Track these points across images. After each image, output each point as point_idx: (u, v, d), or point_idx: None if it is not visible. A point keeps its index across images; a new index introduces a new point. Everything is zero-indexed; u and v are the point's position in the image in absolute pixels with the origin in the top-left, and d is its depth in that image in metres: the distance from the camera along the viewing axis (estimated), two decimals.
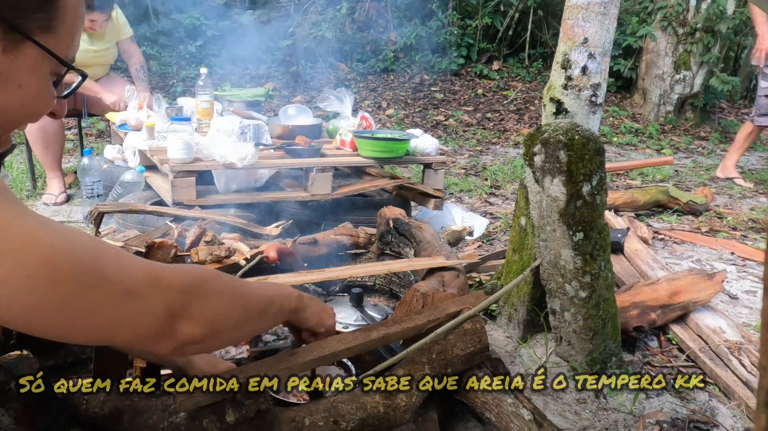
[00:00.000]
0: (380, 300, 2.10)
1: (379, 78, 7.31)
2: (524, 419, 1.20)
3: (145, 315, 0.78)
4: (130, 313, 0.77)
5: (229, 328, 0.94)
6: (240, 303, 0.97)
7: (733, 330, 1.90)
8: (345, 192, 2.63)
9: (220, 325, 0.90)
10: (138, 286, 0.77)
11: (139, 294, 0.77)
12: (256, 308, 1.01)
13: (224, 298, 0.92)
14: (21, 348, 1.11)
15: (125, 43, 3.54)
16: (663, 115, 7.05)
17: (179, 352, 0.86)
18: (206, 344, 0.90)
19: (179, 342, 0.83)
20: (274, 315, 1.07)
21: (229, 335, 0.97)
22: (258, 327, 1.10)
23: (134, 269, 0.78)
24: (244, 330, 1.02)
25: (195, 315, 0.84)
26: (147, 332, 0.80)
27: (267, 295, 1.07)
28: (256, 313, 1.02)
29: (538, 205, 1.68)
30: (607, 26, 1.99)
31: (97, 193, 2.89)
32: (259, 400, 1.02)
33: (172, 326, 0.81)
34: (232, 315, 0.93)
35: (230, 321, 0.93)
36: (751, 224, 3.41)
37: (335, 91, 3.17)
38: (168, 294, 0.81)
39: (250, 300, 1.00)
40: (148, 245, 1.69)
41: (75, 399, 1.14)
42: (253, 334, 1.21)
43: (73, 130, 4.80)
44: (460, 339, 1.31)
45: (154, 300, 0.79)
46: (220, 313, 0.90)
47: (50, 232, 0.69)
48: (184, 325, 0.83)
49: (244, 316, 0.98)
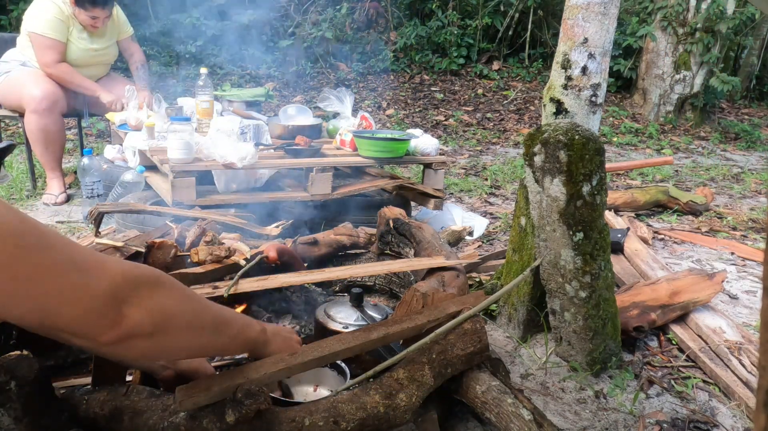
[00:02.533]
0: (380, 300, 2.10)
1: (379, 78, 7.31)
2: (524, 419, 1.20)
3: (89, 289, 0.76)
4: (73, 285, 0.75)
5: (180, 329, 0.90)
6: (193, 307, 0.94)
7: (733, 330, 1.90)
8: (345, 192, 2.63)
9: (170, 322, 0.87)
10: (83, 261, 0.76)
11: (84, 268, 0.76)
12: (211, 320, 0.99)
13: (174, 295, 0.89)
14: (21, 348, 1.11)
15: (126, 42, 3.54)
16: (663, 115, 7.05)
17: (125, 345, 0.82)
18: (155, 341, 0.85)
19: (124, 331, 0.80)
20: (232, 338, 1.05)
21: (181, 338, 0.92)
22: (214, 345, 1.04)
23: (81, 248, 0.78)
24: (197, 339, 0.97)
25: (142, 303, 0.82)
26: (89, 312, 0.76)
27: (226, 315, 1.05)
28: (210, 326, 0.98)
29: (538, 205, 1.68)
30: (607, 26, 1.99)
31: (97, 193, 2.89)
32: (259, 400, 1.02)
33: (117, 309, 0.79)
34: (183, 315, 0.90)
35: (181, 321, 0.90)
36: (751, 224, 3.41)
37: (335, 91, 3.17)
38: (114, 277, 0.79)
39: (205, 310, 0.98)
40: (148, 245, 1.69)
41: (75, 399, 1.14)
42: (209, 351, 1.12)
43: (73, 130, 4.80)
44: (460, 339, 1.31)
45: (99, 278, 0.77)
46: (169, 308, 0.87)
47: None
48: (130, 311, 0.80)
49: (198, 323, 0.95)
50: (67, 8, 3.17)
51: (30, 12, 3.22)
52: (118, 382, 1.23)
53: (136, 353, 0.88)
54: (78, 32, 3.26)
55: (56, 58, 3.20)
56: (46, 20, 3.15)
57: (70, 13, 3.19)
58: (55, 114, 3.16)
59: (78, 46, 3.27)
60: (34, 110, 3.10)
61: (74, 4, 3.14)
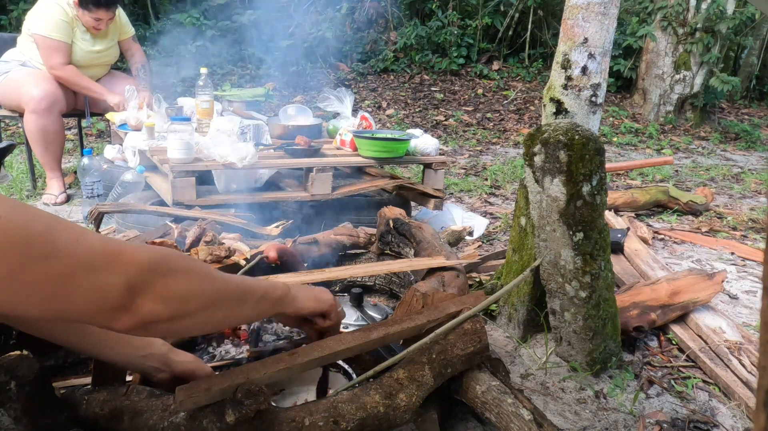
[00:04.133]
0: (380, 300, 2.10)
1: (379, 78, 7.31)
2: (524, 419, 1.20)
3: (102, 289, 0.76)
4: (85, 287, 0.75)
5: (199, 308, 0.90)
6: (211, 285, 0.93)
7: (733, 330, 1.90)
8: (345, 192, 2.63)
9: (188, 305, 0.87)
10: (95, 260, 0.76)
11: (95, 267, 0.76)
12: (232, 292, 0.98)
13: (192, 277, 0.89)
14: (21, 348, 1.11)
15: (127, 42, 3.54)
16: (663, 115, 7.06)
17: (143, 330, 0.83)
18: (174, 324, 0.86)
19: (140, 319, 0.80)
20: (256, 303, 1.04)
21: (201, 317, 0.92)
22: (238, 314, 1.03)
23: (92, 244, 0.77)
24: (218, 313, 0.96)
25: (158, 292, 0.82)
26: (104, 306, 0.77)
27: (247, 283, 1.03)
28: (232, 297, 0.98)
29: (538, 205, 1.68)
30: (607, 26, 1.99)
31: (97, 193, 2.89)
32: (259, 400, 1.02)
33: (133, 300, 0.79)
34: (201, 295, 0.90)
35: (200, 301, 0.90)
36: (751, 224, 3.41)
37: (335, 91, 3.17)
38: (128, 269, 0.78)
39: (224, 283, 0.97)
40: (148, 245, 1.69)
41: (75, 399, 1.14)
42: (233, 322, 1.12)
43: (73, 130, 4.80)
44: (460, 339, 1.31)
45: (112, 275, 0.77)
46: (187, 291, 0.87)
47: (2, 203, 0.70)
48: (146, 302, 0.80)
49: (218, 298, 0.94)
50: (71, 10, 3.17)
51: (33, 13, 3.22)
52: (118, 382, 1.23)
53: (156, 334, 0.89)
54: (81, 34, 3.26)
55: (63, 60, 3.20)
56: (52, 22, 3.14)
57: (74, 15, 3.19)
58: (54, 114, 3.16)
59: (81, 48, 3.27)
60: (33, 110, 3.10)
61: (78, 5, 3.14)
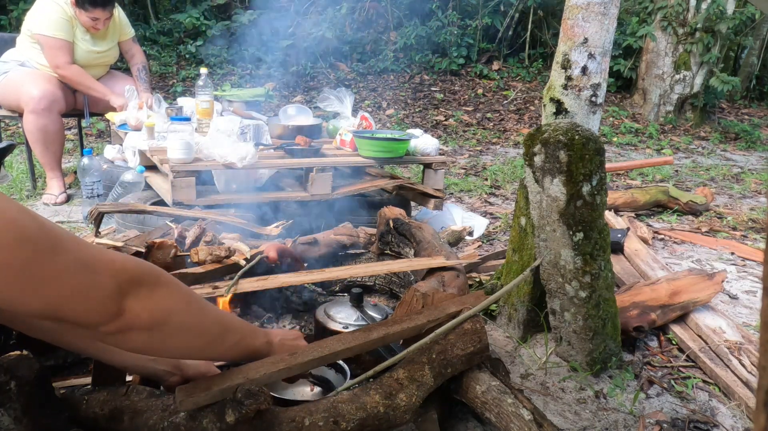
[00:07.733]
0: (380, 300, 2.10)
1: (379, 78, 7.30)
2: (524, 419, 1.20)
3: (96, 288, 0.81)
4: (83, 285, 0.80)
5: (178, 328, 0.94)
6: (193, 310, 0.97)
7: (733, 330, 1.90)
8: (345, 192, 2.63)
9: (168, 320, 0.91)
10: (93, 261, 0.81)
11: (93, 268, 0.81)
12: (211, 325, 1.02)
13: (174, 296, 0.94)
14: (21, 348, 1.11)
15: (127, 43, 3.54)
16: (663, 115, 7.06)
17: (122, 337, 0.87)
18: (152, 336, 0.90)
19: (124, 323, 0.85)
20: (233, 345, 1.07)
21: (179, 338, 0.96)
22: (214, 349, 1.05)
23: (89, 247, 0.83)
24: (195, 341, 1.00)
25: (143, 298, 0.87)
26: (96, 307, 0.82)
27: (229, 322, 1.07)
28: (211, 330, 1.01)
29: (538, 205, 1.68)
30: (607, 26, 1.99)
31: (97, 193, 2.89)
32: (259, 400, 1.02)
33: (120, 302, 0.84)
34: (181, 315, 0.94)
35: (179, 321, 0.94)
36: (751, 224, 3.41)
37: (335, 91, 3.17)
38: (120, 274, 0.84)
39: (206, 314, 1.01)
40: (148, 245, 1.69)
41: (75, 399, 1.14)
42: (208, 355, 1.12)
43: (73, 130, 4.80)
44: (460, 339, 1.31)
45: (107, 276, 0.82)
46: (168, 307, 0.91)
47: (12, 203, 0.75)
48: (131, 304, 0.85)
49: (197, 325, 0.98)
50: (69, 9, 3.17)
51: (33, 14, 3.22)
52: (118, 382, 1.23)
53: (134, 345, 0.92)
54: (81, 34, 3.26)
55: (67, 59, 3.20)
56: (53, 21, 3.14)
57: (73, 14, 3.19)
58: (54, 114, 3.16)
59: (82, 48, 3.27)
60: (32, 110, 3.10)
61: (75, 5, 3.14)
